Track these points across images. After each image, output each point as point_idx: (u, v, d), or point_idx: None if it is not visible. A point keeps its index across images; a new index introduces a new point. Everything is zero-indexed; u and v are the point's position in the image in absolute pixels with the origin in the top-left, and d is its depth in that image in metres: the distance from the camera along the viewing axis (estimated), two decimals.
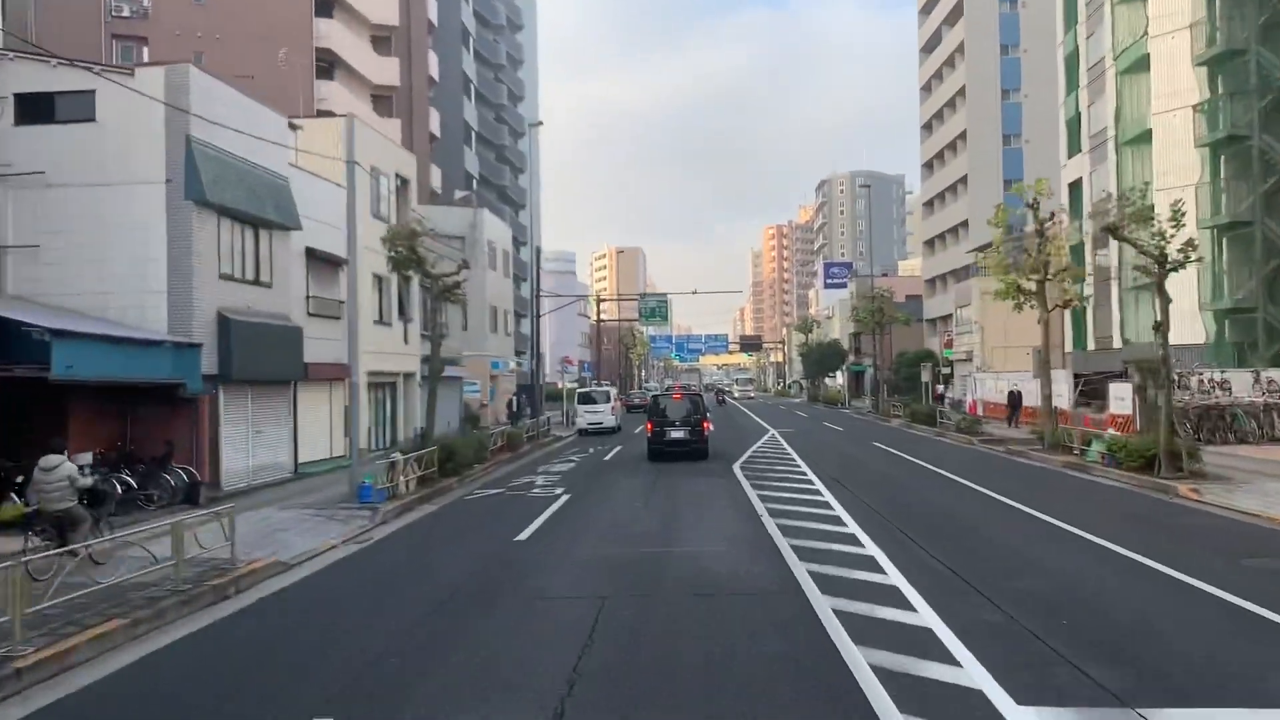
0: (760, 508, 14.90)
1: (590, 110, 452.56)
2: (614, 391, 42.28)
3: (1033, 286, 24.02)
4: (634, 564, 10.81)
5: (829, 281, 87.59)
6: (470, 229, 39.26)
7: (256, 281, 19.02)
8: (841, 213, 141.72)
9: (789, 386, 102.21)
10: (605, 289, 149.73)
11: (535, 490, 18.33)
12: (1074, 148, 40.76)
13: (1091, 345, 38.56)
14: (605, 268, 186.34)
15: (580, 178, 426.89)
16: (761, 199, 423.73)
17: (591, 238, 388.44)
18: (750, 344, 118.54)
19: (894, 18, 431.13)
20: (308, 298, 21.63)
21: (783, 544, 11.68)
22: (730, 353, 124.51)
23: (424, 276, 19.49)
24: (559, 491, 17.86)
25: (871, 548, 11.36)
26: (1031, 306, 24.37)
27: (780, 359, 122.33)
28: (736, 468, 21.52)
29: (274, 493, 17.92)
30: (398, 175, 27.42)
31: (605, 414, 36.68)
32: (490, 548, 12.29)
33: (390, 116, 43.75)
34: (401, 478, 16.91)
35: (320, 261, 21.91)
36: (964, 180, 61.46)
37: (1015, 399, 33.12)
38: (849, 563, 10.45)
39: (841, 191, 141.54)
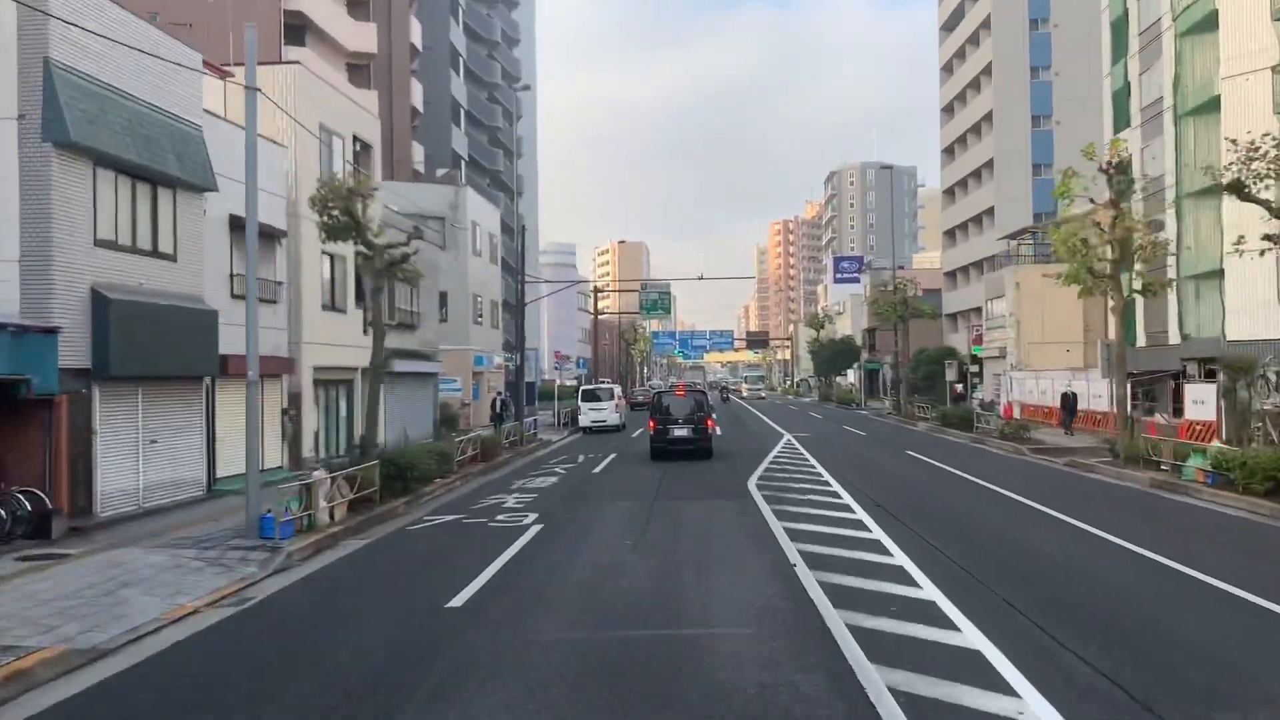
0: (791, 551, 11.07)
1: (592, 108, 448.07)
2: (618, 389, 40.56)
3: (1106, 269, 20.11)
4: (612, 665, 6.97)
5: (839, 276, 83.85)
6: (451, 209, 35.45)
7: (155, 252, 15.19)
8: (851, 205, 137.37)
9: (798, 385, 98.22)
10: (609, 284, 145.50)
11: (500, 517, 14.49)
12: (1121, 122, 36.75)
13: (1142, 341, 34.66)
14: (608, 262, 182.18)
15: (582, 176, 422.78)
16: (764, 198, 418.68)
17: (593, 235, 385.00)
18: (757, 340, 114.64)
19: (897, 16, 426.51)
20: (232, 276, 17.86)
21: (835, 621, 7.86)
22: (736, 349, 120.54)
23: (365, 247, 15.67)
24: (529, 520, 14.02)
25: (969, 630, 7.54)
26: (1103, 293, 20.50)
27: (787, 356, 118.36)
28: (752, 485, 17.70)
29: (169, 519, 14.13)
30: (356, 138, 23.60)
31: (609, 412, 35.42)
32: (406, 623, 8.44)
33: (368, 87, 39.98)
34: (324, 502, 13.11)
35: None
36: (989, 165, 57.39)
37: (1070, 401, 29.12)
38: (945, 663, 6.65)
39: (851, 183, 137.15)
